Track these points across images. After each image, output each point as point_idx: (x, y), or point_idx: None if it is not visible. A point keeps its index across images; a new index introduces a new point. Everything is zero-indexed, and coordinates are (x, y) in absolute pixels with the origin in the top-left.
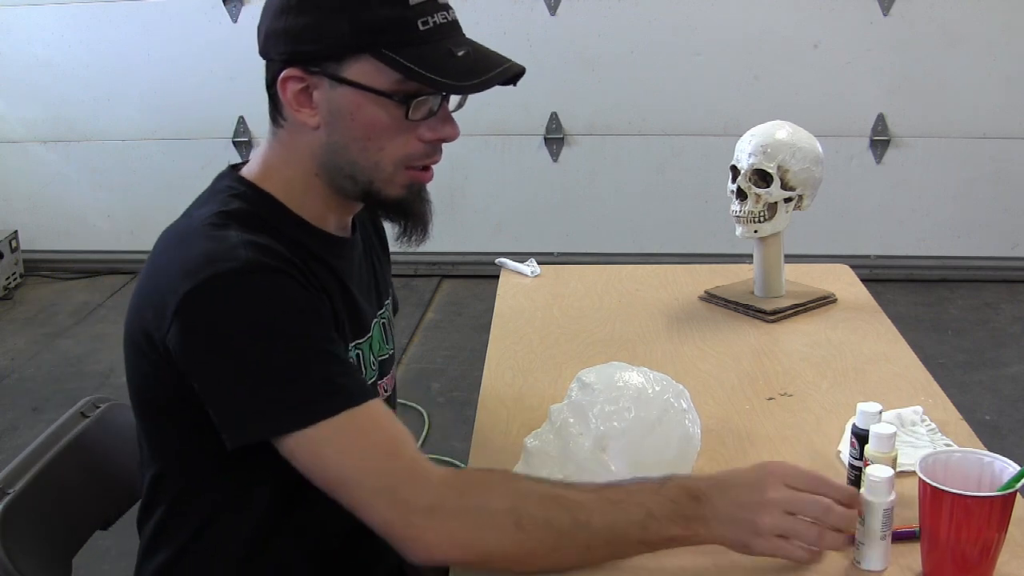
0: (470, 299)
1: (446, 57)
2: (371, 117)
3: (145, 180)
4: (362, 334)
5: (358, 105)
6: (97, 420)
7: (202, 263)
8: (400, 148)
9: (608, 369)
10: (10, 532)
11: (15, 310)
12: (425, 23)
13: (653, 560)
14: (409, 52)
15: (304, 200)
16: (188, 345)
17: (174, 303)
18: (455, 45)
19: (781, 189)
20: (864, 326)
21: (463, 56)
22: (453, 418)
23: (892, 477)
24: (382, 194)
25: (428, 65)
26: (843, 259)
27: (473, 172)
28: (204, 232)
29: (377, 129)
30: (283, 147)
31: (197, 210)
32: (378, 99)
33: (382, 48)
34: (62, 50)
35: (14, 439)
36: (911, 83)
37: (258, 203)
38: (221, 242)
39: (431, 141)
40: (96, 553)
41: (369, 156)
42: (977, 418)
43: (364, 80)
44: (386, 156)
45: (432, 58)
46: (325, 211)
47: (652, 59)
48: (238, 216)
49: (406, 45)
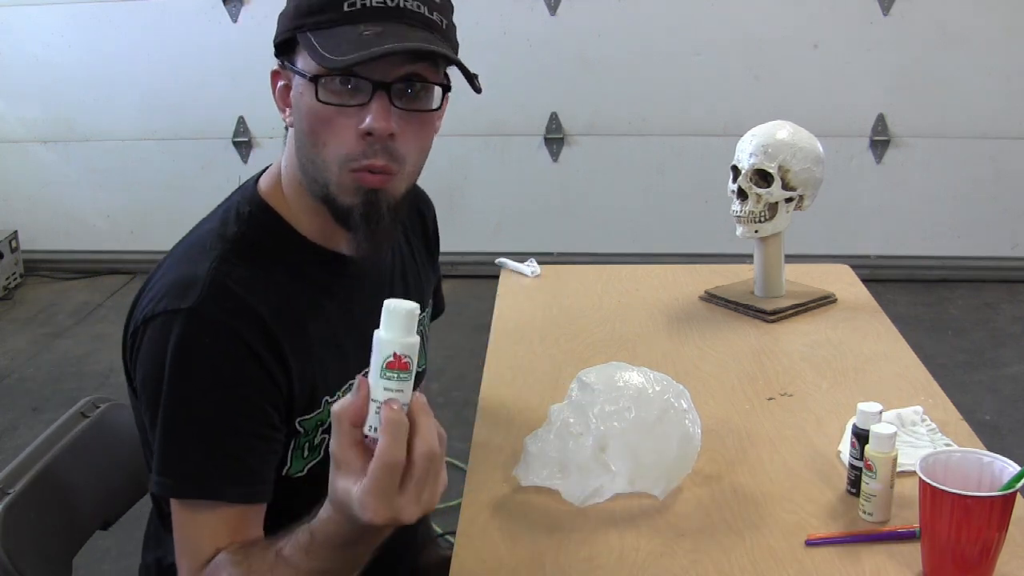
0: (470, 299)
1: (349, 37)
2: (307, 105)
3: (145, 180)
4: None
5: (300, 94)
6: (97, 420)
7: (164, 292)
8: (339, 143)
9: (608, 369)
10: (10, 532)
11: (15, 310)
12: (352, 5)
13: (654, 561)
14: (324, 33)
15: (303, 215)
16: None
17: (133, 323)
18: (373, 27)
19: (782, 189)
20: (864, 326)
21: (367, 35)
22: (453, 418)
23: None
24: (337, 201)
25: (328, 44)
26: (843, 259)
27: (473, 172)
28: (190, 255)
29: (314, 119)
30: (286, 154)
31: (203, 225)
32: (307, 84)
33: (306, 30)
34: (62, 50)
35: (14, 439)
36: (911, 83)
37: (261, 227)
38: (190, 275)
39: (360, 135)
40: (96, 553)
41: (317, 152)
42: (977, 418)
43: (301, 66)
44: (328, 152)
45: (337, 38)
46: (324, 225)
47: (652, 59)
48: (230, 242)
49: (325, 26)
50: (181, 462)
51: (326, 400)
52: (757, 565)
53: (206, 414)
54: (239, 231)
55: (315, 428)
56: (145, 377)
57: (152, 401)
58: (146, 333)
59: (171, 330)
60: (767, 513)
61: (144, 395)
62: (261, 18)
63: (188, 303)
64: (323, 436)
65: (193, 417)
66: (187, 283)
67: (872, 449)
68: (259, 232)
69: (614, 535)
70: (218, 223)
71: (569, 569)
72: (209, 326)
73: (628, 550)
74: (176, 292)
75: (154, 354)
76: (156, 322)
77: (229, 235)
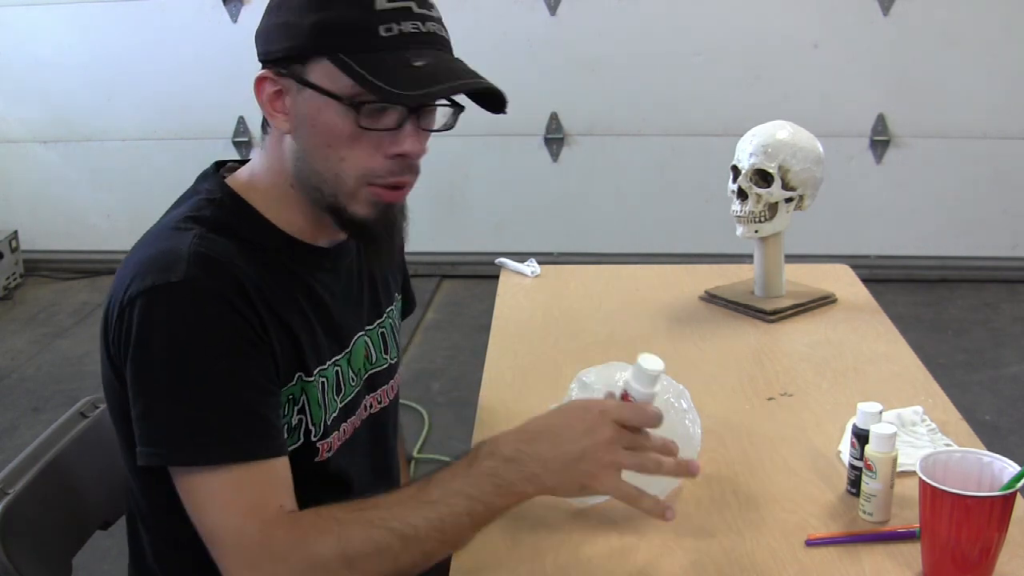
0: (470, 299)
1: (400, 66)
2: (330, 123)
3: (145, 180)
4: (339, 350)
5: (318, 109)
6: (97, 420)
7: (151, 268)
8: (361, 160)
9: (608, 369)
10: (10, 532)
11: (15, 310)
12: (388, 30)
13: (654, 561)
14: (364, 58)
15: (282, 211)
16: (120, 346)
17: (117, 306)
18: (418, 56)
19: (782, 189)
20: (864, 326)
21: (420, 67)
22: (453, 418)
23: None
24: (347, 211)
25: (379, 72)
26: (843, 259)
27: (473, 172)
28: (164, 236)
29: (335, 136)
30: (267, 155)
31: (172, 211)
32: (336, 104)
33: (339, 52)
34: (62, 50)
35: (14, 439)
36: (911, 83)
37: (232, 213)
38: (173, 251)
39: (392, 156)
40: (96, 553)
41: (330, 166)
42: (977, 418)
43: (323, 83)
44: (347, 167)
45: (385, 66)
46: (304, 222)
47: (652, 59)
48: (205, 222)
49: (363, 51)
50: (205, 428)
51: (300, 376)
52: (757, 565)
53: (217, 378)
54: (213, 215)
55: (287, 402)
56: (141, 355)
57: (151, 378)
58: (135, 311)
59: (164, 303)
60: (767, 513)
61: (141, 374)
62: None
63: (177, 276)
64: (299, 417)
65: (203, 383)
66: (169, 258)
67: (872, 449)
68: (234, 217)
69: (614, 535)
70: (189, 208)
71: (569, 569)
72: (201, 294)
73: (628, 550)
74: (160, 267)
75: (149, 330)
76: (145, 298)
77: (204, 217)
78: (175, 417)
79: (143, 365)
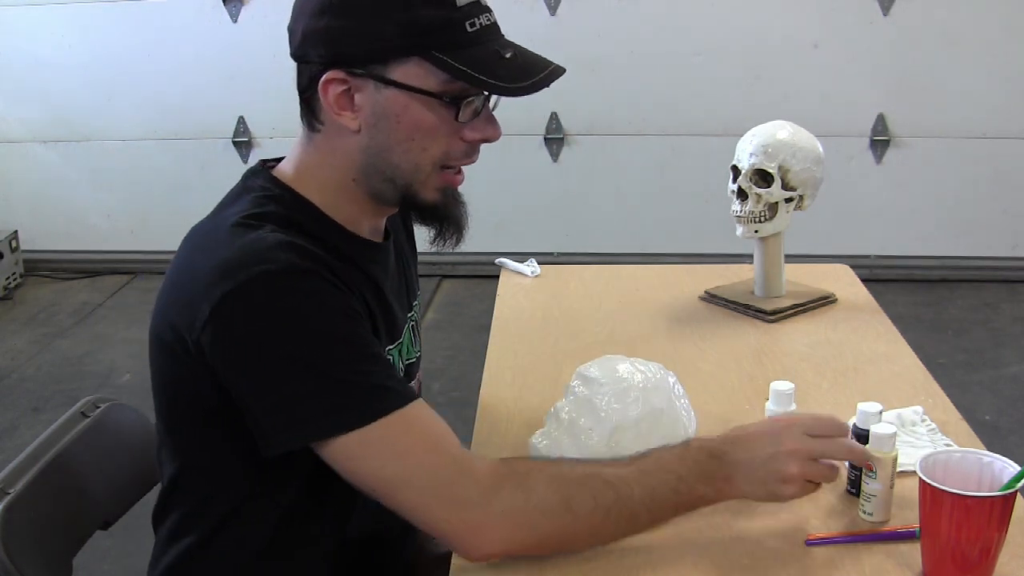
0: (470, 299)
1: (494, 59)
2: (418, 118)
3: (145, 180)
4: (395, 339)
5: (404, 106)
6: (97, 420)
7: (239, 264)
8: (442, 147)
9: (608, 362)
10: (10, 532)
11: (15, 310)
12: (472, 24)
13: (653, 561)
14: (459, 54)
15: (339, 205)
16: (225, 348)
17: (209, 305)
18: (501, 47)
19: (782, 189)
20: (864, 326)
21: (510, 58)
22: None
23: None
24: (419, 197)
25: (479, 67)
26: (843, 259)
27: (473, 172)
28: (238, 232)
29: (423, 130)
30: (319, 151)
31: (227, 208)
32: (427, 100)
33: (432, 50)
34: (62, 50)
35: (14, 439)
36: (911, 83)
37: (293, 207)
38: (257, 243)
39: (473, 141)
40: (96, 553)
41: (411, 158)
42: (977, 418)
43: (413, 82)
44: (427, 156)
45: (482, 60)
46: (360, 216)
47: (652, 59)
48: (272, 218)
49: (455, 47)
50: (355, 390)
51: None
52: (757, 565)
53: (351, 341)
54: (277, 211)
55: None
56: (260, 348)
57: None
58: (236, 310)
59: (271, 291)
60: (767, 513)
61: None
62: (261, 18)
63: (275, 266)
64: None
65: (340, 349)
66: (258, 252)
67: (872, 449)
68: (293, 210)
69: None
70: (249, 205)
71: (569, 569)
72: (305, 274)
73: (628, 550)
74: (251, 262)
75: (263, 320)
76: (247, 293)
77: (270, 213)
78: (319, 392)
79: (267, 357)
